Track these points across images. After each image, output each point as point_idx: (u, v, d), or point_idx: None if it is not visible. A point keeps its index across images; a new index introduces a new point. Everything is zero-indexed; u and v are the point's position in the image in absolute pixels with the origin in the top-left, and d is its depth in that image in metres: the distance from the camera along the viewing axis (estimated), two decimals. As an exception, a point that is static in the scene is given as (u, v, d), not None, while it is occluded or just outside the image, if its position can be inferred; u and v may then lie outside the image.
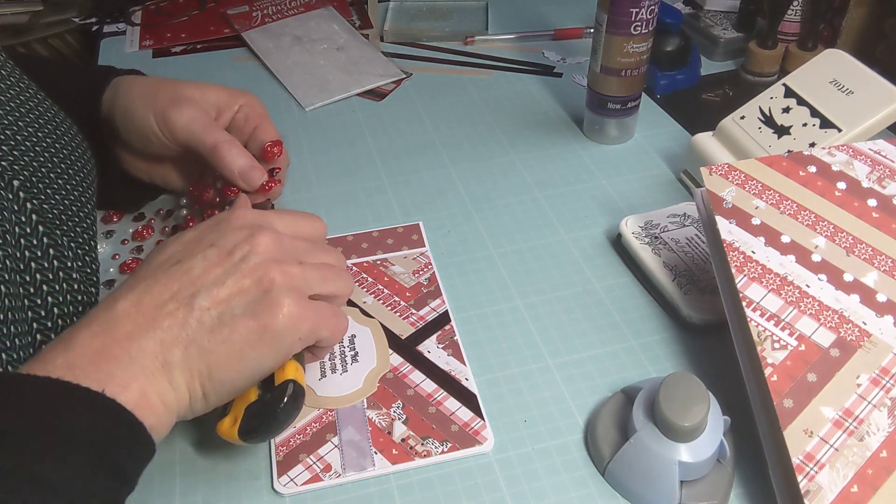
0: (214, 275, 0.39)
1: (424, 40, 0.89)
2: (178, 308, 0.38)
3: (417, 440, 0.45)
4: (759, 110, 0.63)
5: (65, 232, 0.49)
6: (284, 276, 0.40)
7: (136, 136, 0.58)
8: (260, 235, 0.41)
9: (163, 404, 0.37)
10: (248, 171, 0.55)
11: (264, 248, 0.40)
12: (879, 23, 0.77)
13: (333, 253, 0.46)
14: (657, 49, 0.74)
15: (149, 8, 0.96)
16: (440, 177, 0.67)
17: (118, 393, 0.34)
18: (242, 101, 0.60)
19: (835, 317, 0.43)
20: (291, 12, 0.93)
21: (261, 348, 0.38)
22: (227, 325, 0.38)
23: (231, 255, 0.40)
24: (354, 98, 0.79)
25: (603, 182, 0.66)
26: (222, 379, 0.38)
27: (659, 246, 0.56)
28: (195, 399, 0.38)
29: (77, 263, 0.49)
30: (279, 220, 0.44)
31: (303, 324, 0.40)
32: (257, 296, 0.39)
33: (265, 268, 0.39)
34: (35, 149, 0.48)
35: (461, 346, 0.51)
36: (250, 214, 0.43)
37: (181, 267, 0.39)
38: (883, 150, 0.49)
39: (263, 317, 0.38)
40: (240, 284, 0.39)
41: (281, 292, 0.39)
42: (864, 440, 0.39)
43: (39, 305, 0.44)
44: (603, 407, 0.45)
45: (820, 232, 0.46)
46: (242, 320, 0.38)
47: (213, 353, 0.38)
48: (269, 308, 0.39)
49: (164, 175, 0.62)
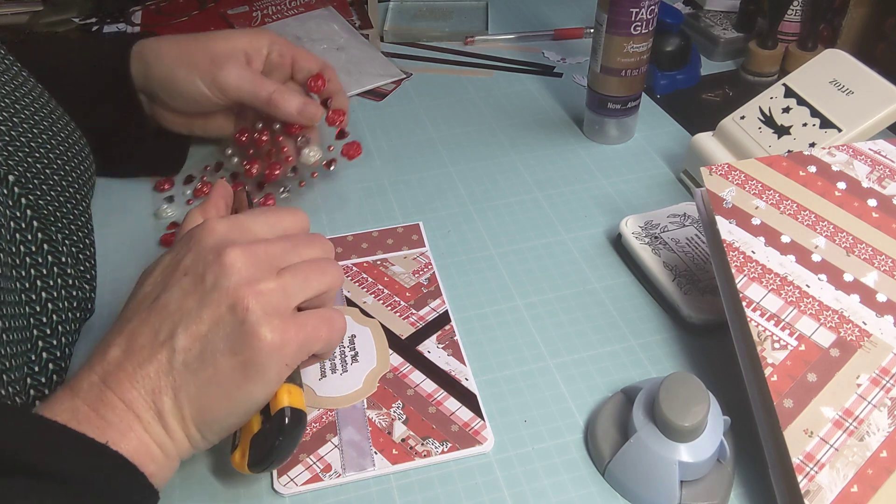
0: (189, 306, 0.37)
1: (424, 40, 0.89)
2: (160, 351, 0.36)
3: (417, 440, 0.45)
4: (759, 110, 0.63)
5: (59, 229, 0.49)
6: (259, 297, 0.37)
7: (183, 99, 0.61)
8: (228, 254, 0.38)
9: (162, 452, 0.37)
10: (305, 109, 0.59)
11: (235, 268, 0.38)
12: (879, 23, 0.77)
13: (318, 243, 0.43)
14: (657, 49, 0.74)
15: (149, 8, 0.96)
16: (440, 177, 0.67)
17: (118, 441, 0.35)
18: (266, 41, 0.62)
19: (835, 317, 0.43)
20: (291, 12, 0.93)
21: (247, 385, 0.37)
22: (209, 363, 0.37)
23: (203, 282, 0.38)
24: (354, 98, 0.79)
25: (603, 182, 0.66)
26: (216, 419, 0.38)
27: (659, 246, 0.56)
28: (195, 441, 0.38)
29: (71, 260, 0.49)
30: (254, 221, 0.42)
31: (287, 348, 0.38)
32: (234, 327, 0.37)
33: (237, 292, 0.37)
34: (31, 144, 0.48)
35: (461, 346, 0.51)
36: (221, 227, 0.40)
37: (159, 303, 0.38)
38: (883, 150, 0.49)
39: (244, 351, 0.37)
40: (215, 315, 0.37)
41: (257, 320, 0.37)
42: (864, 440, 0.39)
43: (35, 300, 0.44)
44: (603, 407, 0.45)
45: (820, 232, 0.46)
46: (223, 357, 0.37)
47: (201, 396, 0.37)
48: (247, 341, 0.37)
49: (205, 125, 0.65)
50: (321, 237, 0.43)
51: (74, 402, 0.35)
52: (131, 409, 0.36)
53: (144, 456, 0.36)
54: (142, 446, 0.36)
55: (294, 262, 0.40)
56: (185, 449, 0.38)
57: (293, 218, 0.44)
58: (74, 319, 0.49)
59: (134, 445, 0.35)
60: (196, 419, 0.37)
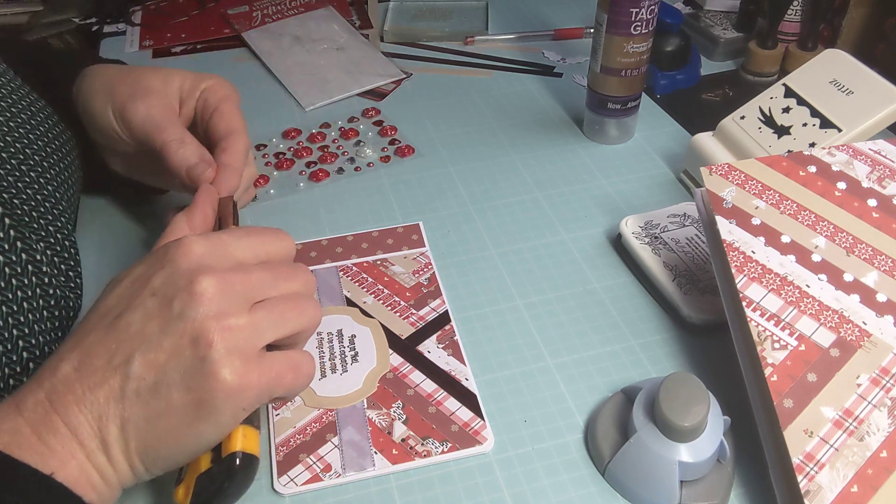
0: (151, 331, 0.35)
1: (424, 40, 0.89)
2: (114, 375, 0.34)
3: (417, 440, 0.45)
4: (759, 110, 0.63)
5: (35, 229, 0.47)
6: (225, 334, 0.35)
7: (99, 132, 0.54)
8: (201, 281, 0.35)
9: (103, 481, 0.35)
10: (192, 170, 0.49)
11: (205, 297, 0.35)
12: (879, 23, 0.77)
13: (300, 275, 0.40)
14: (657, 49, 0.74)
15: (149, 8, 0.96)
16: (440, 177, 0.67)
17: (59, 469, 0.33)
18: (204, 85, 0.54)
19: (835, 317, 0.43)
20: (291, 12, 0.93)
21: (198, 425, 0.35)
22: (162, 397, 0.34)
23: (170, 307, 0.35)
24: (354, 98, 0.79)
25: (603, 182, 0.66)
26: (162, 454, 0.36)
27: (659, 246, 0.56)
28: (138, 473, 0.36)
29: (47, 258, 0.47)
30: (236, 244, 0.39)
31: (246, 393, 0.35)
32: (194, 362, 0.34)
33: (203, 326, 0.34)
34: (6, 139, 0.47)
35: (461, 346, 0.51)
36: (198, 249, 0.37)
37: (120, 322, 0.35)
38: (883, 150, 0.49)
39: (199, 390, 0.34)
40: (176, 345, 0.34)
41: (218, 359, 0.34)
42: (864, 440, 0.39)
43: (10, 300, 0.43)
44: (603, 407, 0.45)
45: (820, 232, 0.46)
46: (178, 392, 0.34)
47: (150, 429, 0.35)
48: (204, 379, 0.34)
49: (141, 173, 0.57)
50: (304, 269, 0.41)
51: (17, 423, 0.33)
52: (75, 436, 0.34)
53: (86, 485, 0.34)
54: (83, 475, 0.34)
55: (271, 296, 0.38)
56: (127, 479, 0.36)
57: (279, 243, 0.41)
58: (52, 318, 0.47)
59: (75, 474, 0.34)
60: (141, 452, 0.35)
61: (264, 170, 0.68)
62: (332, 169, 0.68)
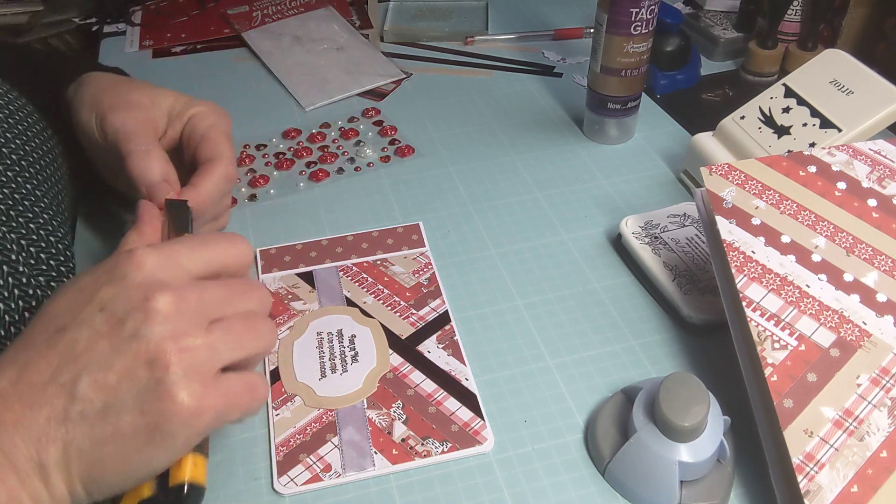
0: (100, 350, 0.33)
1: (424, 40, 0.89)
2: (57, 395, 0.32)
3: (417, 440, 0.45)
4: (759, 110, 0.63)
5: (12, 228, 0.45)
6: (183, 355, 0.33)
7: (84, 140, 0.54)
8: (157, 299, 0.33)
9: None
10: (154, 188, 0.48)
11: (163, 316, 0.33)
12: (879, 23, 0.77)
13: (256, 294, 0.38)
14: (657, 49, 0.74)
15: (149, 8, 0.96)
16: (440, 177, 0.67)
17: None
18: (194, 110, 0.53)
19: (835, 317, 0.43)
20: (291, 12, 0.93)
21: (149, 450, 0.33)
22: (111, 420, 0.32)
23: (122, 326, 0.33)
24: (354, 98, 0.79)
25: (603, 182, 0.66)
26: (106, 482, 0.33)
27: (659, 246, 0.56)
28: (78, 498, 0.33)
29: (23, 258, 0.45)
30: (189, 256, 0.37)
31: (202, 417, 0.33)
32: (149, 384, 0.32)
33: (159, 347, 0.33)
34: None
35: (461, 346, 0.51)
36: (150, 262, 0.35)
37: (65, 337, 0.33)
38: (883, 150, 0.49)
39: (153, 414, 0.32)
40: (129, 367, 0.32)
41: (176, 382, 0.32)
42: (864, 440, 0.39)
43: None
44: (603, 407, 0.45)
45: (820, 232, 0.46)
46: (129, 416, 0.32)
47: (95, 453, 0.32)
48: (160, 403, 0.32)
49: (124, 184, 0.55)
50: (260, 286, 0.39)
51: None
52: (8, 459, 0.31)
53: None
54: (13, 501, 0.31)
55: (227, 314, 0.36)
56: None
57: (234, 251, 0.39)
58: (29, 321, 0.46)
59: (4, 500, 0.31)
60: (84, 477, 0.33)
61: (264, 170, 0.68)
62: (332, 169, 0.68)
